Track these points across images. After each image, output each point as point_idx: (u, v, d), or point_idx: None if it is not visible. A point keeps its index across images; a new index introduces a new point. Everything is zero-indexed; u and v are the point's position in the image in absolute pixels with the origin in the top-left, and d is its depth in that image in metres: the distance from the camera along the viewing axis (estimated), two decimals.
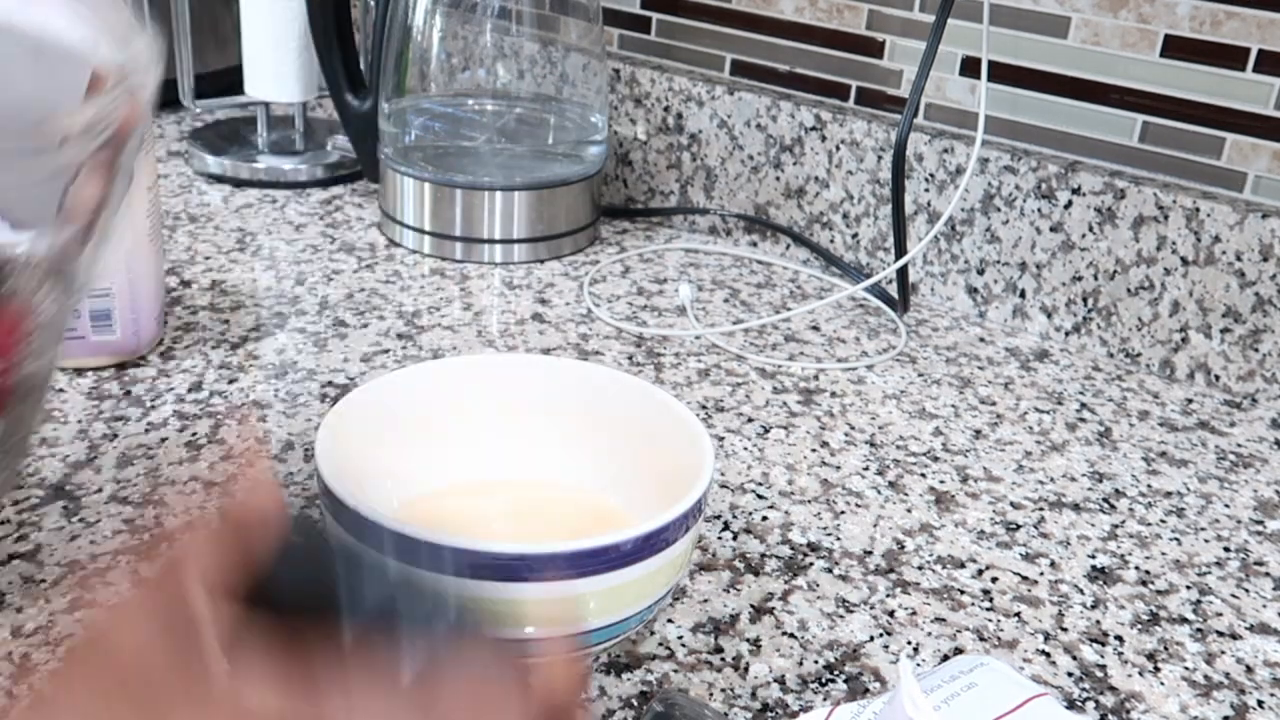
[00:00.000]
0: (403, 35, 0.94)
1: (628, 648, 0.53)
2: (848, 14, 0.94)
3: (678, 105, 1.00)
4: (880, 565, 0.60)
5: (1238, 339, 0.80)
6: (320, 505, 0.49)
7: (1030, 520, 0.65)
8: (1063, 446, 0.73)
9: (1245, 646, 0.57)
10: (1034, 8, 0.86)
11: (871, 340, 0.85)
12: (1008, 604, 0.58)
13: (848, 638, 0.55)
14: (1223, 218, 0.79)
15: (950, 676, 0.47)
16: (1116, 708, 0.52)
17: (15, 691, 0.47)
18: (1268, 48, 0.79)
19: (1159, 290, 0.83)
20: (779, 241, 0.98)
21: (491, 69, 0.97)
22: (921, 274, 0.92)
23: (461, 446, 0.57)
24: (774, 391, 0.77)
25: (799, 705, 0.50)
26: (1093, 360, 0.85)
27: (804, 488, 0.66)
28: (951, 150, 0.88)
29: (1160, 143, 0.84)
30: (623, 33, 1.06)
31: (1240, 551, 0.64)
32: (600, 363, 0.77)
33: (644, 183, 1.04)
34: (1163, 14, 0.81)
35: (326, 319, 0.81)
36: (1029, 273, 0.87)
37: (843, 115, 0.93)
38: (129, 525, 0.58)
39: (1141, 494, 0.69)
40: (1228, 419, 0.79)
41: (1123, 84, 0.84)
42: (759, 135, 0.97)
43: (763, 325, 0.86)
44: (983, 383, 0.80)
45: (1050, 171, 0.85)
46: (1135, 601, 0.59)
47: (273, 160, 1.03)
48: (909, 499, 0.66)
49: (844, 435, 0.72)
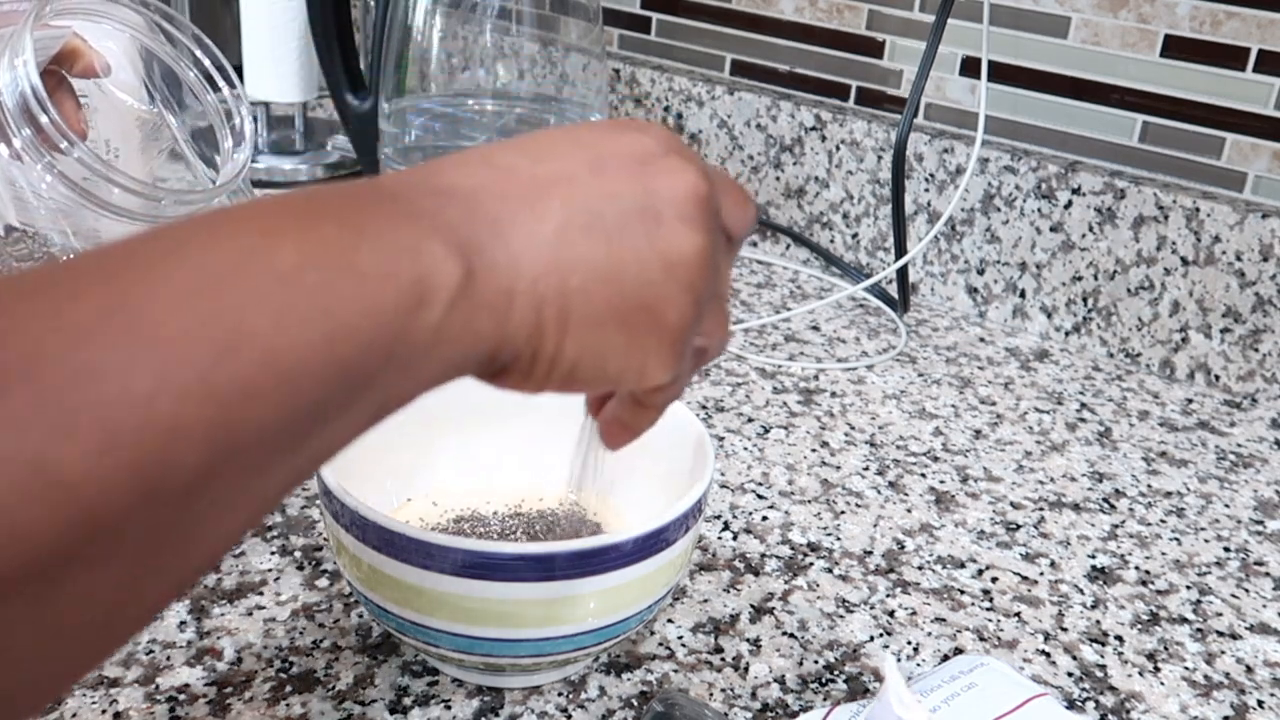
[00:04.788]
0: (403, 35, 0.94)
1: (628, 648, 0.53)
2: (848, 14, 0.94)
3: (678, 105, 1.00)
4: (880, 565, 0.60)
5: (1238, 339, 0.80)
6: (320, 505, 0.49)
7: (1030, 520, 0.65)
8: (1063, 446, 0.73)
9: (1245, 646, 0.57)
10: (1034, 8, 0.86)
11: (871, 340, 0.85)
12: (1008, 604, 0.58)
13: (848, 638, 0.55)
14: (1223, 218, 0.79)
15: (950, 676, 0.47)
16: (1116, 708, 0.52)
17: None
18: (1268, 48, 0.79)
19: (1159, 290, 0.83)
20: (779, 241, 0.98)
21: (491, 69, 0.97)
22: (921, 274, 0.92)
23: (461, 447, 0.57)
24: (774, 391, 0.77)
25: (799, 705, 0.50)
26: (1093, 360, 0.85)
27: (804, 488, 0.66)
28: (951, 150, 0.88)
29: (1160, 143, 0.84)
30: (623, 33, 1.06)
31: (1240, 551, 0.64)
32: None
33: None
34: (1163, 14, 0.81)
35: None
36: (1029, 273, 0.87)
37: (843, 115, 0.93)
38: None
39: (1141, 494, 0.69)
40: (1228, 419, 0.79)
41: (1123, 84, 0.84)
42: (759, 135, 0.97)
43: (763, 325, 0.86)
44: (983, 383, 0.80)
45: (1050, 171, 0.85)
46: (1135, 601, 0.59)
47: (273, 160, 1.03)
48: (909, 499, 0.66)
49: (844, 435, 0.72)
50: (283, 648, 0.51)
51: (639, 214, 0.33)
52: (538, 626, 0.45)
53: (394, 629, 0.47)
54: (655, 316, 0.34)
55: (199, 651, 0.50)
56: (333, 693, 0.49)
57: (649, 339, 0.34)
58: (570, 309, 0.32)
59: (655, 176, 0.34)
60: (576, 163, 0.34)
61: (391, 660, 0.51)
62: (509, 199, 0.32)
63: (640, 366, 0.35)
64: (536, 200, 0.32)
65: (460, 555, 0.43)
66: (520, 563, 0.43)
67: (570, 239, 0.32)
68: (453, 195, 0.31)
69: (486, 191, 0.32)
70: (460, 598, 0.44)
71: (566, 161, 0.34)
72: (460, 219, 0.30)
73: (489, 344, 0.31)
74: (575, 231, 0.32)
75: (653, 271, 0.34)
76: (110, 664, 0.49)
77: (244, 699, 0.48)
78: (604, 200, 0.33)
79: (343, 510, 0.45)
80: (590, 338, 0.33)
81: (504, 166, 0.33)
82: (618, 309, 0.33)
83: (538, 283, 0.32)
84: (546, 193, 0.33)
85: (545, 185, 0.33)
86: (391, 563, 0.44)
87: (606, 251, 0.33)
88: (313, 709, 0.48)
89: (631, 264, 0.33)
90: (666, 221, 0.34)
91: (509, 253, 0.31)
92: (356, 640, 0.52)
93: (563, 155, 0.34)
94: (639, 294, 0.33)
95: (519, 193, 0.32)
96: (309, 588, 0.55)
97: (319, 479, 0.47)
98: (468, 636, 0.45)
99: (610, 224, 0.33)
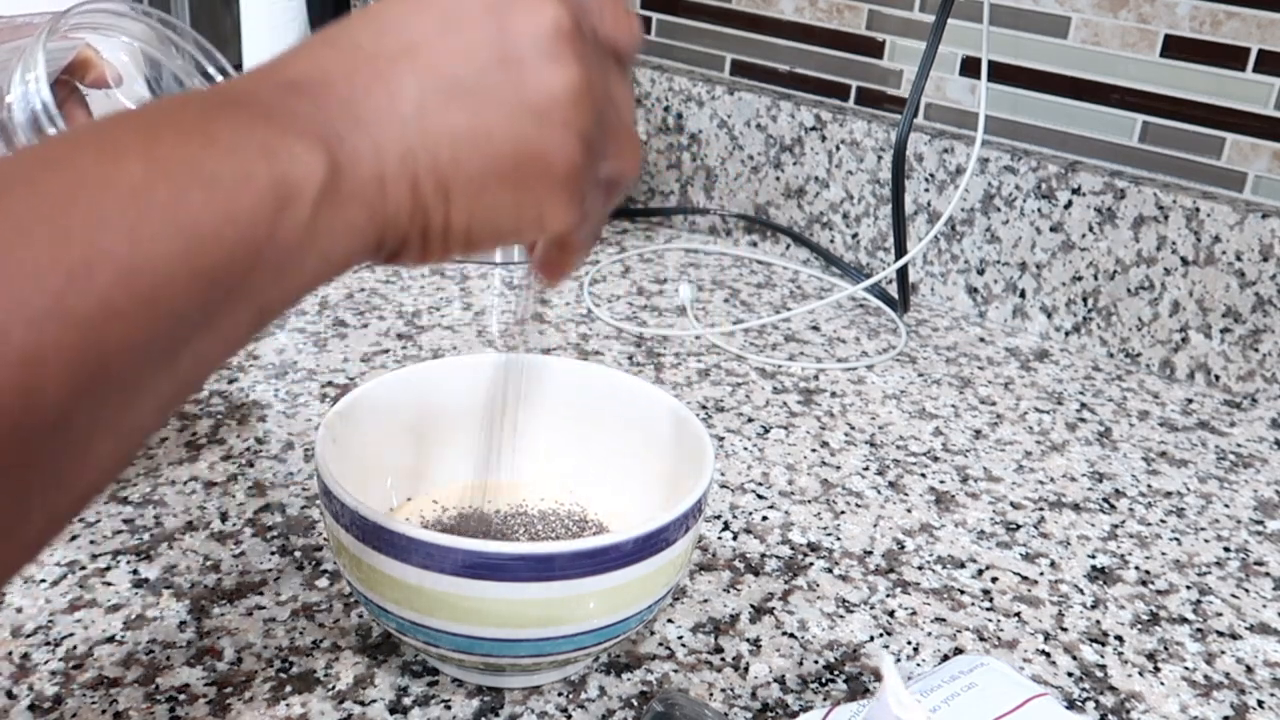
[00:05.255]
0: None
1: (628, 648, 0.53)
2: (848, 14, 0.94)
3: (678, 105, 1.00)
4: (880, 565, 0.60)
5: (1238, 339, 0.80)
6: (320, 505, 0.49)
7: (1030, 520, 0.65)
8: (1063, 446, 0.73)
9: (1245, 646, 0.57)
10: (1034, 8, 0.86)
11: (871, 340, 0.85)
12: (1008, 604, 0.58)
13: (848, 638, 0.55)
14: (1223, 218, 0.79)
15: (950, 676, 0.47)
16: (1116, 708, 0.52)
17: (15, 691, 0.47)
18: (1268, 48, 0.79)
19: (1159, 290, 0.83)
20: (779, 241, 0.98)
21: None
22: (921, 274, 0.92)
23: (461, 446, 0.57)
24: (774, 391, 0.77)
25: (799, 705, 0.50)
26: (1093, 360, 0.85)
27: (804, 488, 0.66)
28: (951, 150, 0.88)
29: (1160, 143, 0.84)
30: None
31: (1240, 551, 0.64)
32: (600, 363, 0.77)
33: (644, 183, 1.04)
34: (1163, 14, 0.81)
35: (327, 319, 0.81)
36: (1029, 273, 0.87)
37: (843, 115, 0.93)
38: (129, 525, 0.58)
39: (1141, 494, 0.69)
40: (1228, 419, 0.79)
41: (1123, 84, 0.84)
42: (759, 135, 0.97)
43: (763, 325, 0.86)
44: (983, 383, 0.80)
45: (1050, 171, 0.85)
46: (1135, 601, 0.59)
47: None
48: (909, 499, 0.66)
49: (844, 435, 0.72)
50: (283, 648, 0.51)
51: (498, 65, 0.32)
52: (538, 626, 0.45)
53: (394, 629, 0.47)
54: (540, 165, 0.33)
55: (199, 651, 0.50)
56: (333, 693, 0.49)
57: (538, 188, 0.34)
58: (448, 180, 0.32)
59: (509, 17, 0.33)
60: (423, 26, 0.32)
61: (391, 660, 0.51)
62: (358, 81, 0.31)
63: (537, 217, 0.34)
64: (388, 76, 0.31)
65: (460, 555, 0.43)
66: (520, 563, 0.43)
67: (430, 110, 0.31)
68: (303, 87, 0.30)
69: (336, 76, 0.31)
70: (460, 598, 0.44)
71: (412, 27, 0.32)
72: (314, 111, 0.30)
73: (369, 234, 0.31)
74: (434, 101, 0.31)
75: (524, 122, 0.33)
76: (110, 664, 0.49)
77: (244, 699, 0.48)
78: (457, 60, 0.32)
79: (343, 510, 0.45)
80: (476, 203, 0.33)
81: (348, 46, 0.32)
82: (496, 168, 0.32)
83: (406, 162, 0.31)
84: (396, 66, 0.32)
85: (394, 58, 0.32)
86: (391, 563, 0.44)
87: (471, 114, 0.32)
88: (313, 709, 0.48)
89: (500, 120, 0.32)
90: (529, 64, 0.32)
91: (371, 138, 0.30)
92: (356, 640, 0.52)
93: (407, 21, 0.33)
94: (515, 148, 0.33)
95: (369, 71, 0.31)
96: (309, 588, 0.55)
97: (319, 479, 0.47)
98: (468, 636, 0.45)
99: (469, 84, 0.32)
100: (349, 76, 0.31)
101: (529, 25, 0.33)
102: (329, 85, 0.31)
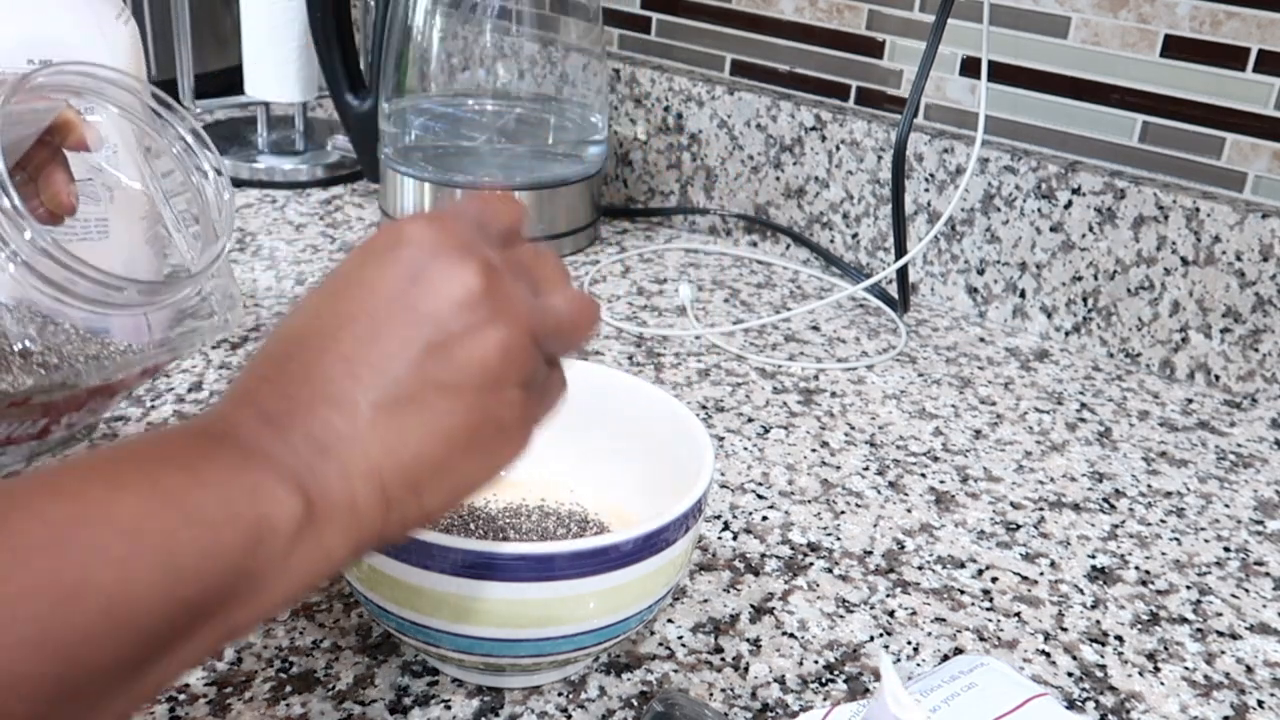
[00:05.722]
0: (403, 35, 0.94)
1: (628, 648, 0.53)
2: (848, 14, 0.94)
3: (678, 105, 1.00)
4: (880, 565, 0.60)
5: (1238, 339, 0.80)
6: None
7: (1030, 520, 0.65)
8: (1063, 446, 0.73)
9: (1245, 646, 0.57)
10: (1034, 8, 0.86)
11: (871, 340, 0.85)
12: (1008, 604, 0.58)
13: (848, 638, 0.55)
14: (1223, 218, 0.79)
15: (950, 676, 0.47)
16: (1116, 708, 0.52)
17: None
18: (1268, 48, 0.79)
19: (1159, 290, 0.83)
20: (779, 241, 0.98)
21: (491, 69, 0.97)
22: (921, 274, 0.92)
23: None
24: (774, 391, 0.77)
25: (799, 705, 0.50)
26: (1093, 360, 0.85)
27: (804, 488, 0.66)
28: (951, 150, 0.88)
29: (1160, 143, 0.84)
30: (623, 33, 1.06)
31: (1240, 551, 0.64)
32: (600, 363, 0.77)
33: (644, 183, 1.04)
34: (1163, 14, 0.81)
35: None
36: (1029, 273, 0.87)
37: (843, 115, 0.93)
38: None
39: (1141, 494, 0.69)
40: (1228, 419, 0.79)
41: (1123, 84, 0.84)
42: (759, 135, 0.97)
43: (763, 325, 0.86)
44: (983, 383, 0.80)
45: (1050, 171, 0.85)
46: (1135, 601, 0.59)
47: (273, 160, 1.03)
48: (909, 499, 0.66)
49: (844, 435, 0.72)
50: (283, 648, 0.51)
51: (428, 353, 0.33)
52: (538, 626, 0.45)
53: (394, 629, 0.47)
54: (492, 426, 0.35)
55: None
56: (333, 693, 0.49)
57: (496, 444, 0.36)
58: (414, 476, 0.33)
59: (423, 299, 0.34)
60: (351, 334, 0.33)
61: (391, 660, 0.51)
62: (317, 411, 0.32)
63: (499, 464, 0.36)
64: (339, 400, 0.33)
65: (460, 555, 0.43)
66: (520, 563, 0.43)
67: (382, 421, 0.33)
68: (275, 420, 0.32)
69: (299, 405, 0.32)
70: (460, 598, 0.44)
71: (341, 337, 0.33)
72: (285, 451, 0.31)
73: (349, 547, 0.32)
74: (384, 411, 0.33)
75: (468, 398, 0.34)
76: None
77: (244, 699, 0.48)
78: (389, 364, 0.33)
79: None
80: (444, 483, 0.34)
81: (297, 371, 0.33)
82: (456, 447, 0.34)
83: (372, 477, 0.32)
84: (339, 385, 0.33)
85: (336, 378, 0.33)
86: (391, 563, 0.44)
87: (418, 410, 0.33)
88: (313, 709, 0.48)
89: (447, 406, 0.34)
90: (455, 345, 0.34)
91: (338, 463, 0.32)
92: (356, 640, 0.52)
93: (336, 331, 0.34)
94: (467, 422, 0.34)
95: (319, 395, 0.33)
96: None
97: None
98: (468, 636, 0.45)
99: (406, 383, 0.33)
100: (310, 406, 0.32)
101: (440, 298, 0.34)
102: (294, 417, 0.32)
